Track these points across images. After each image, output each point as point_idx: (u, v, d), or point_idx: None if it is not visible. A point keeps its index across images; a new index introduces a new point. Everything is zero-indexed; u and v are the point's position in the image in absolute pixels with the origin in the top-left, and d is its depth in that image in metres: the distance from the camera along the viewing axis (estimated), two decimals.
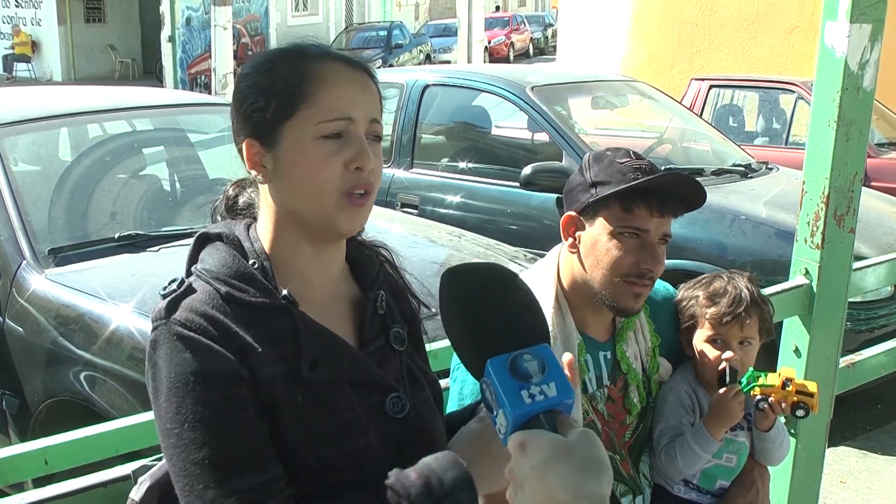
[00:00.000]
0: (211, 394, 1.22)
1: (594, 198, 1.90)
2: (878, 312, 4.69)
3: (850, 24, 2.44)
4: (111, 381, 3.00)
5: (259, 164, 1.33)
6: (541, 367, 1.07)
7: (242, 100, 1.35)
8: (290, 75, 1.32)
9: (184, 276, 1.35)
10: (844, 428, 4.71)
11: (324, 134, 1.29)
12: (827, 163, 2.55)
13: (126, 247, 3.49)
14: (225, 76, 11.06)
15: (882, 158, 7.32)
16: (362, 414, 1.31)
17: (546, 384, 1.06)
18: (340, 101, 1.31)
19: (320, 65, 1.33)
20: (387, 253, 1.52)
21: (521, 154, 6.14)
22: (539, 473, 1.01)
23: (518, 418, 1.05)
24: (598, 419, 1.99)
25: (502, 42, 30.60)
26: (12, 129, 3.83)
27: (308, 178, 1.30)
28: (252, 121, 1.33)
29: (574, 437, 1.04)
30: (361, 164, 1.30)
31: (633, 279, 1.89)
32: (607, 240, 1.90)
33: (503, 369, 1.06)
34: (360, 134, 1.31)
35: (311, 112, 1.30)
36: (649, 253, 1.89)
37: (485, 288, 1.17)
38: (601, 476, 1.02)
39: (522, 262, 3.87)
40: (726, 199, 5.06)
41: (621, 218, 1.88)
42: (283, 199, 1.33)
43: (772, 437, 2.17)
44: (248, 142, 1.34)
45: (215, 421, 1.22)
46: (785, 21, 11.10)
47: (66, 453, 1.76)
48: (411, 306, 1.51)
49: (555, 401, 1.06)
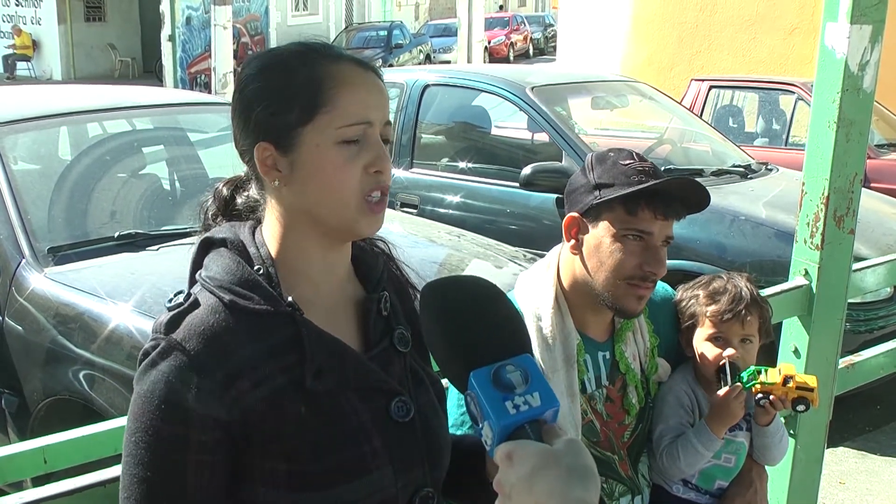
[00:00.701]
0: (166, 425, 1.22)
1: (598, 200, 1.90)
2: (878, 313, 4.70)
3: (851, 25, 2.44)
4: (110, 379, 3.00)
5: (273, 168, 1.31)
6: (524, 377, 1.07)
7: (252, 103, 1.32)
8: (306, 78, 1.29)
9: (189, 282, 1.34)
10: (843, 429, 4.72)
11: (345, 139, 1.28)
12: (827, 164, 2.55)
13: (125, 246, 3.49)
14: (225, 75, 11.06)
15: (882, 160, 7.32)
16: (366, 419, 1.31)
17: (530, 394, 1.06)
18: (360, 105, 1.30)
19: (336, 67, 1.31)
20: (384, 245, 1.51)
21: (520, 154, 6.15)
22: (526, 483, 1.01)
23: (503, 429, 1.05)
24: (596, 419, 1.99)
25: (502, 42, 30.61)
26: (12, 128, 3.83)
27: (329, 183, 1.29)
28: (265, 125, 1.31)
29: (560, 445, 1.04)
30: (381, 167, 1.30)
31: (636, 281, 1.90)
32: (610, 242, 1.89)
33: (486, 381, 1.07)
34: (378, 137, 1.31)
35: (332, 116, 1.28)
36: (653, 255, 1.89)
37: (465, 301, 1.17)
38: (588, 483, 1.02)
39: (522, 262, 3.87)
40: (726, 199, 5.06)
41: (625, 221, 1.88)
42: (300, 202, 1.31)
43: (771, 433, 2.17)
44: (261, 145, 1.31)
45: (159, 451, 1.23)
46: (785, 22, 11.10)
47: (64, 452, 1.76)
48: (414, 305, 1.50)
49: (539, 410, 1.06)
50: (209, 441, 1.23)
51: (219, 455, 1.24)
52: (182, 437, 1.22)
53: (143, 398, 1.24)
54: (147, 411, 1.23)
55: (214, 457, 1.24)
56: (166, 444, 1.23)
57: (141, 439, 1.23)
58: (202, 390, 1.22)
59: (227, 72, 11.07)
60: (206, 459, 1.24)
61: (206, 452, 1.23)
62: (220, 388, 1.22)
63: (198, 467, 1.23)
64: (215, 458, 1.24)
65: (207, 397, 1.22)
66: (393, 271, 1.51)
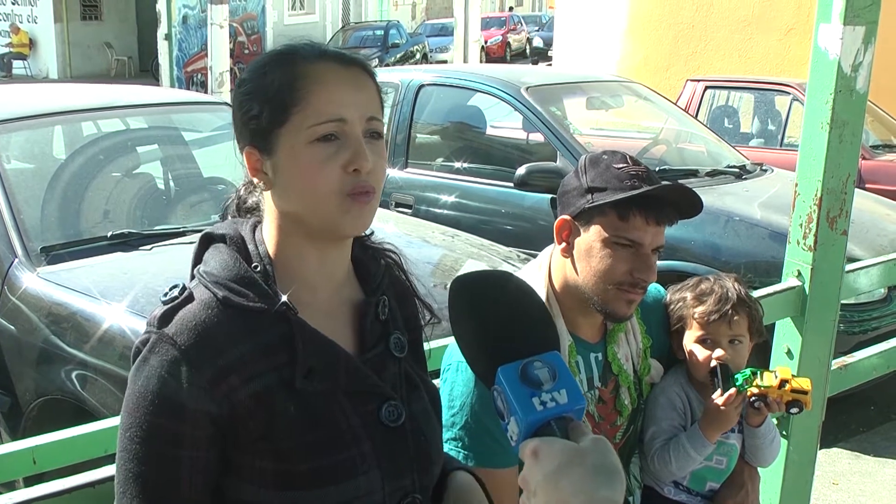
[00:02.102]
0: (160, 420, 1.23)
1: (590, 204, 1.89)
2: (871, 314, 4.70)
3: (844, 27, 2.44)
4: (103, 379, 2.99)
5: (260, 171, 1.32)
6: (552, 374, 1.08)
7: (239, 107, 1.34)
8: (280, 80, 1.30)
9: (188, 276, 1.35)
10: (837, 429, 4.72)
11: (317, 137, 1.27)
12: (820, 165, 2.55)
13: (118, 245, 3.49)
14: (221, 74, 11.04)
15: (876, 160, 7.32)
16: (356, 423, 1.31)
17: (557, 391, 1.07)
18: (331, 103, 1.28)
19: (311, 67, 1.31)
20: (395, 255, 1.50)
21: (515, 154, 6.15)
22: (552, 480, 1.01)
23: (530, 425, 1.06)
24: (588, 420, 1.99)
25: (499, 42, 30.60)
26: (6, 127, 3.82)
27: (307, 184, 1.28)
28: (249, 128, 1.32)
29: (586, 443, 1.04)
30: (359, 165, 1.28)
31: (626, 287, 1.90)
32: (601, 247, 1.89)
33: (514, 377, 1.07)
34: (357, 134, 1.29)
35: (303, 116, 1.28)
36: (643, 262, 1.89)
37: (495, 296, 1.18)
38: (614, 482, 1.02)
39: (516, 263, 3.86)
40: (721, 200, 5.06)
41: (617, 227, 1.88)
42: (285, 204, 1.32)
43: (762, 434, 2.17)
44: (247, 150, 1.33)
45: (153, 446, 1.24)
46: (781, 23, 11.10)
47: (54, 453, 1.75)
48: (416, 311, 1.50)
49: (566, 408, 1.07)
50: (202, 436, 1.24)
51: (212, 451, 1.25)
52: (176, 432, 1.23)
53: (136, 394, 1.25)
54: (141, 406, 1.24)
55: (207, 452, 1.25)
56: (161, 439, 1.24)
57: (136, 434, 1.24)
58: (193, 384, 1.22)
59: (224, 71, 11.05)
60: (199, 455, 1.24)
61: (199, 447, 1.24)
62: (210, 383, 1.23)
63: (191, 462, 1.24)
64: (208, 453, 1.25)
65: (198, 392, 1.22)
66: (398, 277, 1.50)
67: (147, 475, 1.23)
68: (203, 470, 1.25)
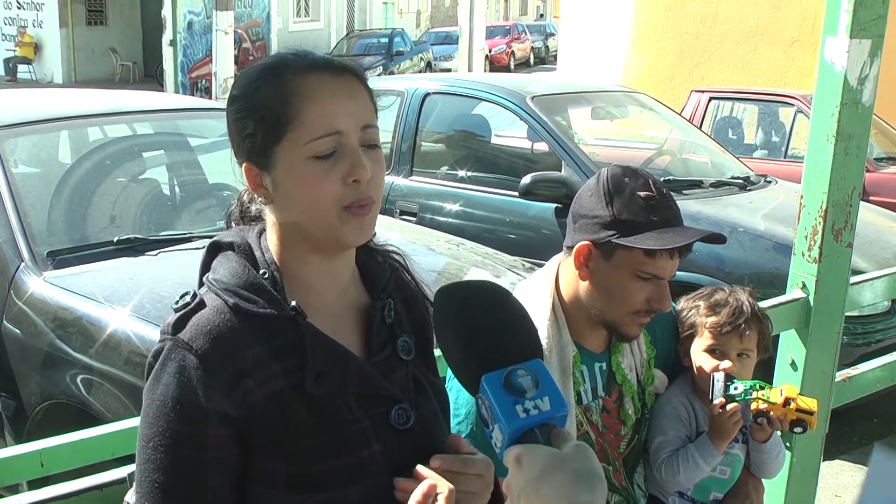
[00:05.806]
0: (183, 425, 1.24)
1: (618, 240, 1.87)
2: (875, 327, 4.69)
3: (850, 40, 2.45)
4: (108, 384, 2.99)
5: (260, 186, 1.34)
6: (534, 381, 1.09)
7: (234, 125, 1.35)
8: (272, 97, 1.30)
9: (197, 284, 1.36)
10: (840, 441, 4.71)
11: (314, 154, 1.28)
12: (825, 177, 2.56)
13: (125, 250, 3.49)
14: (226, 80, 11.09)
15: (881, 173, 7.32)
16: (366, 425, 1.32)
17: (540, 398, 1.08)
18: (326, 117, 1.29)
19: (301, 80, 1.30)
20: (400, 258, 1.52)
21: (520, 163, 6.15)
22: (535, 486, 1.03)
23: (513, 432, 1.08)
24: (592, 430, 1.99)
25: (503, 51, 30.65)
26: (13, 132, 3.82)
27: (307, 199, 1.29)
28: (245, 146, 1.33)
29: (568, 449, 1.06)
30: (358, 176, 1.29)
31: (642, 314, 1.93)
32: (622, 277, 1.90)
33: (498, 385, 1.09)
34: (353, 145, 1.30)
35: (298, 133, 1.28)
36: (661, 293, 1.92)
37: (479, 305, 1.19)
38: (595, 487, 1.04)
39: (520, 272, 3.87)
40: (724, 211, 5.06)
41: (643, 262, 1.88)
42: (286, 217, 1.33)
43: (768, 449, 2.18)
44: (245, 166, 1.34)
45: (177, 452, 1.24)
46: (785, 34, 11.12)
47: (62, 455, 1.76)
48: (423, 314, 1.50)
49: (549, 415, 1.08)
50: (224, 437, 1.25)
51: (234, 450, 1.26)
52: (199, 436, 1.24)
53: (157, 402, 1.26)
54: (163, 414, 1.25)
55: (230, 452, 1.26)
56: (185, 445, 1.24)
57: (159, 443, 1.25)
58: (211, 387, 1.24)
59: (228, 77, 11.10)
60: (222, 456, 1.26)
61: (222, 448, 1.25)
62: (227, 385, 1.24)
63: (216, 464, 1.25)
64: (231, 453, 1.26)
65: (217, 394, 1.24)
66: (405, 280, 1.51)
67: (172, 482, 1.24)
68: (228, 470, 1.26)
